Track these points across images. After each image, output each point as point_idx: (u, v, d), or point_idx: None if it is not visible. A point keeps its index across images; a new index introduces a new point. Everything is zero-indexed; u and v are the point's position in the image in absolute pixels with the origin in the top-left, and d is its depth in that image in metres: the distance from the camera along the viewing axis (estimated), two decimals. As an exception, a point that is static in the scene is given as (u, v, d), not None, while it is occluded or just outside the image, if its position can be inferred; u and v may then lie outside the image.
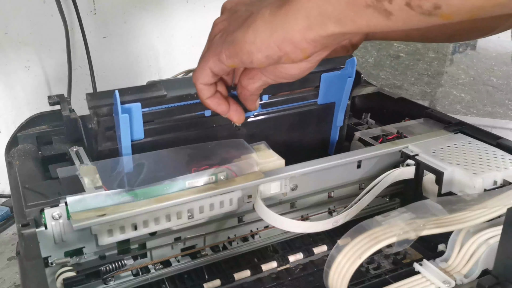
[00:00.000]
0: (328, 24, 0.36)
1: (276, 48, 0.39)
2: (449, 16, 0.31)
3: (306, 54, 0.40)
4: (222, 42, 0.43)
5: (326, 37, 0.37)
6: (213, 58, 0.44)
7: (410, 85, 1.78)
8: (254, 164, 0.51)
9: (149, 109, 0.53)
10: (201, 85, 0.47)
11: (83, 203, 0.44)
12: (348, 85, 0.61)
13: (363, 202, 0.53)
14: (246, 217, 0.54)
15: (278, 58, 0.40)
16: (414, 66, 1.99)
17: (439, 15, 0.31)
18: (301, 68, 0.44)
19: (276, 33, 0.39)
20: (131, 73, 1.18)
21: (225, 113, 0.50)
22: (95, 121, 0.52)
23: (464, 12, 0.31)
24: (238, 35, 0.41)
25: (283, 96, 0.61)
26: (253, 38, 0.40)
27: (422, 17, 0.32)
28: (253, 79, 0.47)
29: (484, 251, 0.43)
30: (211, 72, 0.45)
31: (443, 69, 1.98)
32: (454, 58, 2.13)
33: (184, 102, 0.55)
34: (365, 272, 0.52)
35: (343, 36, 0.38)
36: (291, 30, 0.38)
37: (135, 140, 0.53)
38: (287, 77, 0.45)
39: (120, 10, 1.10)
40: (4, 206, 0.96)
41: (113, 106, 0.51)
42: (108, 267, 0.48)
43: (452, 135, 0.61)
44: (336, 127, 0.65)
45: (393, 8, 0.32)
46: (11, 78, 0.99)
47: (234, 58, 0.42)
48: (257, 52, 0.40)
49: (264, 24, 0.39)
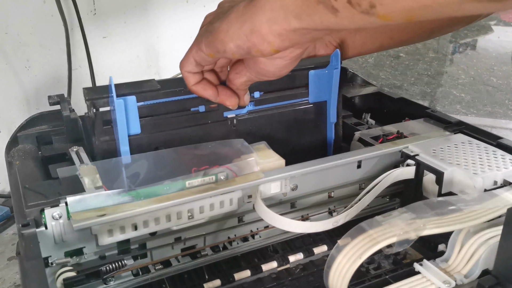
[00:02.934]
0: (290, 18, 0.38)
1: (245, 38, 0.41)
2: (385, 16, 0.33)
3: (274, 47, 0.41)
4: (204, 32, 0.46)
5: (291, 31, 0.39)
6: (195, 47, 0.47)
7: (410, 85, 1.78)
8: (254, 164, 0.51)
9: (144, 103, 0.55)
10: (186, 73, 0.49)
11: (83, 203, 0.44)
12: (335, 77, 0.62)
13: (363, 202, 0.53)
14: (246, 217, 0.54)
15: (247, 49, 0.42)
16: (414, 66, 1.99)
17: (376, 15, 0.33)
18: (277, 65, 0.45)
19: (245, 23, 0.41)
20: (131, 73, 1.18)
21: (214, 97, 0.51)
22: (92, 112, 0.52)
23: (398, 13, 0.32)
24: (216, 25, 0.44)
25: (275, 93, 0.62)
26: (226, 28, 0.42)
27: (363, 16, 0.33)
28: (239, 74, 0.49)
29: (484, 251, 0.43)
30: (194, 61, 0.48)
31: (443, 69, 1.98)
32: (454, 58, 2.13)
33: (178, 97, 0.57)
34: (365, 272, 0.52)
35: (307, 33, 0.39)
36: (258, 22, 0.40)
37: (132, 135, 0.54)
38: (266, 74, 0.47)
39: (120, 10, 1.10)
40: (4, 206, 0.96)
41: (109, 97, 0.52)
42: (108, 267, 0.48)
43: (452, 135, 0.61)
44: (331, 124, 0.65)
45: (338, 5, 0.34)
46: (11, 78, 0.99)
47: (211, 46, 0.44)
48: (229, 41, 0.42)
49: (237, 16, 0.42)
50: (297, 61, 0.46)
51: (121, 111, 0.52)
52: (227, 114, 0.60)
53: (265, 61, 0.45)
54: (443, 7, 0.30)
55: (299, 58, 0.46)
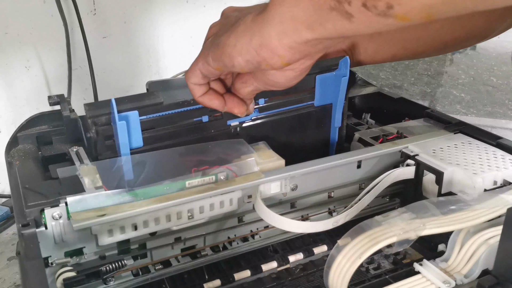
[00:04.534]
0: (301, 29, 0.37)
1: (254, 53, 0.40)
2: (404, 16, 0.32)
3: (285, 61, 0.40)
4: (210, 45, 0.44)
5: (302, 43, 0.38)
6: (202, 60, 0.45)
7: (410, 85, 1.78)
8: (254, 164, 0.51)
9: (147, 116, 0.54)
10: (192, 85, 0.48)
11: (83, 203, 0.44)
12: (343, 85, 0.61)
13: (363, 202, 0.53)
14: (246, 217, 0.54)
15: (257, 63, 0.41)
16: (414, 66, 1.99)
17: (393, 16, 0.32)
18: (287, 76, 0.44)
19: (254, 38, 0.40)
20: (131, 73, 1.18)
21: (222, 107, 0.50)
22: (93, 130, 0.52)
23: (417, 12, 0.31)
24: (223, 39, 0.42)
25: (279, 99, 0.61)
26: (234, 42, 0.41)
27: (380, 18, 0.33)
28: (246, 83, 0.48)
29: (484, 251, 0.43)
30: (200, 73, 0.47)
31: (443, 69, 1.98)
32: (454, 58, 2.13)
33: (181, 109, 0.56)
34: (365, 272, 0.52)
35: (319, 43, 0.38)
36: (267, 36, 0.39)
37: (134, 148, 0.53)
38: (275, 85, 0.46)
39: (120, 10, 1.10)
40: (4, 206, 0.96)
41: (111, 115, 0.51)
42: (108, 267, 0.48)
43: (452, 135, 0.61)
44: (335, 128, 0.65)
45: (353, 10, 0.33)
46: (11, 78, 0.99)
47: (219, 61, 0.43)
48: (237, 56, 0.41)
49: (245, 29, 0.40)
50: (307, 71, 0.45)
51: (123, 131, 0.51)
52: (230, 122, 0.59)
53: (275, 73, 0.44)
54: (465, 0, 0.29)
55: (309, 68, 0.44)
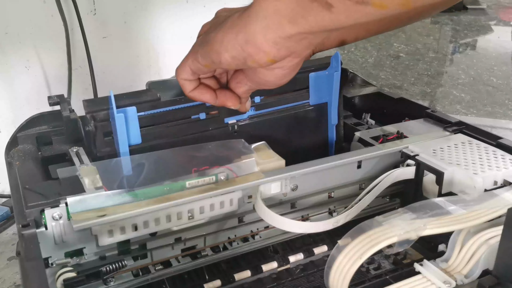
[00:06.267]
0: (284, 23, 0.37)
1: (240, 49, 0.41)
2: (382, 4, 0.32)
3: (270, 57, 0.41)
4: (200, 42, 0.45)
5: (286, 38, 0.39)
6: (192, 57, 0.46)
7: (410, 85, 1.78)
8: (254, 164, 0.51)
9: (145, 113, 0.54)
10: (182, 80, 0.49)
11: (83, 204, 0.44)
12: (336, 79, 0.62)
13: (364, 203, 0.53)
14: (247, 217, 0.54)
15: (243, 59, 0.42)
16: (414, 66, 1.99)
17: (372, 4, 0.33)
18: (276, 75, 0.45)
19: (240, 34, 0.40)
20: (131, 73, 1.18)
21: (213, 100, 0.50)
22: (92, 124, 0.52)
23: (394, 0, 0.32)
24: (211, 36, 0.43)
25: (275, 97, 0.62)
26: (221, 39, 0.42)
27: (359, 7, 0.33)
28: (240, 83, 0.49)
29: (484, 251, 0.43)
30: (190, 70, 0.47)
31: (443, 69, 1.98)
32: (454, 58, 2.13)
33: (178, 106, 0.56)
34: (366, 273, 0.52)
35: (303, 38, 0.39)
36: (252, 32, 0.39)
37: (133, 145, 0.54)
38: (266, 83, 0.46)
39: (120, 10, 1.10)
40: (4, 206, 0.96)
41: (110, 110, 0.51)
42: (109, 267, 0.48)
43: (452, 135, 0.61)
44: (332, 126, 0.65)
45: (333, 0, 0.34)
46: (11, 78, 0.99)
47: (207, 57, 0.44)
48: (224, 52, 0.42)
49: (232, 26, 0.41)
50: (296, 70, 0.45)
51: (122, 125, 0.52)
52: (228, 120, 0.60)
53: (264, 71, 0.44)
54: None
55: (298, 67, 0.45)
